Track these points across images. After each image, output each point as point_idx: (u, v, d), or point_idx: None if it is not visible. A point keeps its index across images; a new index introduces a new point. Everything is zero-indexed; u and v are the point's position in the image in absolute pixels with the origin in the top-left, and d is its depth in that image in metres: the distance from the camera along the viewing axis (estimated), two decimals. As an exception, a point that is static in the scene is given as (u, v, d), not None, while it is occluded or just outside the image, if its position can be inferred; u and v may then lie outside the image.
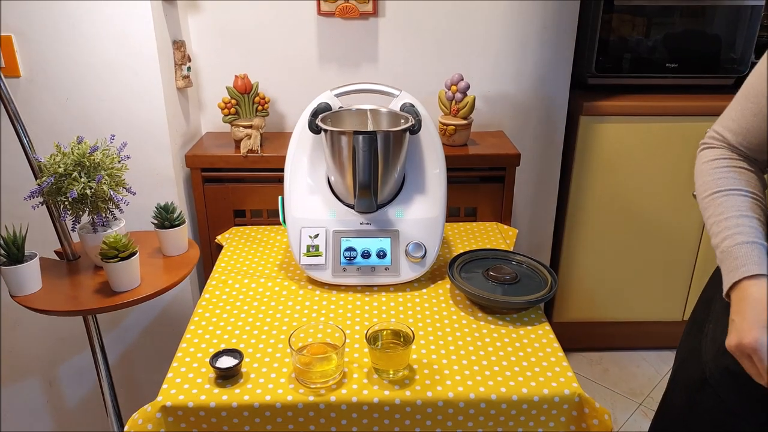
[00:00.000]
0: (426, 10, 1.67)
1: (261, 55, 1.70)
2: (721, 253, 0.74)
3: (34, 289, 1.19)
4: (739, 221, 0.75)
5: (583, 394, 0.95)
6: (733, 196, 0.77)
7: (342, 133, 1.20)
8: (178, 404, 0.92)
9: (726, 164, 0.80)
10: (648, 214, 1.95)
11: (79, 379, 1.77)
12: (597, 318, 2.12)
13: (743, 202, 0.76)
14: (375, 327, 1.02)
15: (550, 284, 1.20)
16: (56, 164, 1.17)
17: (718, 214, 0.76)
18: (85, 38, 1.39)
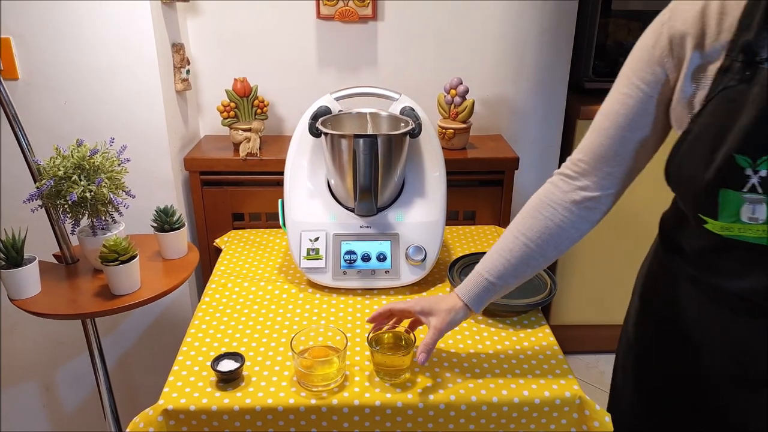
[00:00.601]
0: (425, 14, 1.67)
1: (260, 59, 1.70)
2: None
3: (33, 293, 1.19)
4: (491, 254, 0.95)
5: (584, 396, 0.95)
6: (510, 231, 0.95)
7: (342, 137, 1.20)
8: (179, 407, 0.92)
9: (536, 202, 0.94)
10: (644, 217, 1.96)
11: (77, 383, 1.76)
12: (593, 321, 2.13)
13: (508, 240, 0.94)
14: (376, 330, 1.02)
15: (550, 287, 1.20)
16: (56, 167, 1.16)
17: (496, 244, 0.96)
18: (84, 41, 1.39)
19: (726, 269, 0.83)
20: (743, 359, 0.85)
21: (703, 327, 0.88)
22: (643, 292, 1.02)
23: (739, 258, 0.81)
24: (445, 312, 0.95)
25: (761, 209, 0.73)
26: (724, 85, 0.75)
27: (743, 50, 0.73)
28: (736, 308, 0.83)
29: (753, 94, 0.71)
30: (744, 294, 0.81)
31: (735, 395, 0.88)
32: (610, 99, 0.88)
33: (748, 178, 0.72)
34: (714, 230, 0.79)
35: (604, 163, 0.88)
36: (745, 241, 0.77)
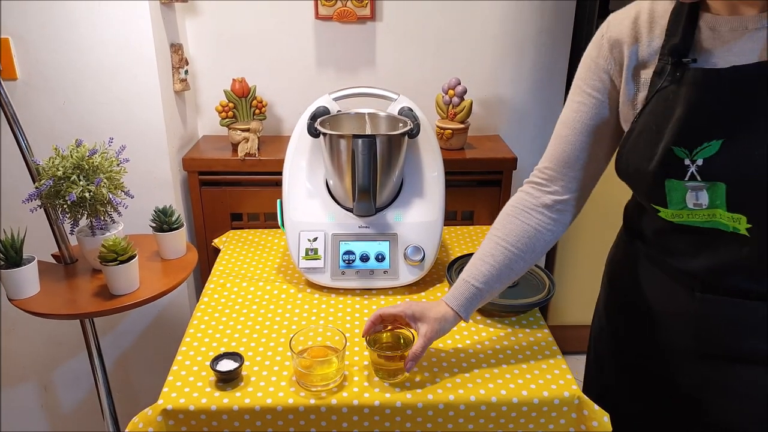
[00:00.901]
0: (423, 15, 1.68)
1: (258, 59, 1.70)
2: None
3: (32, 293, 1.19)
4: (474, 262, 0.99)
5: (582, 396, 0.95)
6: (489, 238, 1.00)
7: (341, 137, 1.20)
8: (178, 407, 0.92)
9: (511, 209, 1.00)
10: (642, 218, 1.96)
11: (75, 383, 1.76)
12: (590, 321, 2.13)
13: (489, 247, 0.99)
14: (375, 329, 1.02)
15: (548, 287, 1.21)
16: (55, 167, 1.16)
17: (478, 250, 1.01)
18: (83, 41, 1.39)
19: (680, 251, 0.90)
20: (701, 335, 0.90)
21: (663, 304, 0.95)
22: (610, 277, 1.10)
23: (691, 241, 0.88)
24: (434, 320, 0.96)
25: (703, 195, 0.80)
26: (659, 86, 0.82)
27: (671, 53, 0.81)
28: (690, 285, 0.89)
29: (683, 92, 0.79)
30: (695, 272, 0.88)
31: (697, 371, 0.93)
32: (567, 108, 0.96)
33: (687, 168, 0.80)
34: (667, 218, 0.87)
35: (568, 168, 0.96)
36: (695, 226, 0.84)
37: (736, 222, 0.80)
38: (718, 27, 0.79)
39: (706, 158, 0.78)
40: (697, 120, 0.78)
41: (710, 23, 0.80)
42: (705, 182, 0.79)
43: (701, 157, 0.78)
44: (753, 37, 0.77)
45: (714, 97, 0.77)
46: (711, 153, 0.78)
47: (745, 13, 0.77)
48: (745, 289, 0.84)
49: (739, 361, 0.89)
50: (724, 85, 0.77)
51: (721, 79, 0.77)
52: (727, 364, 0.90)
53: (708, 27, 0.80)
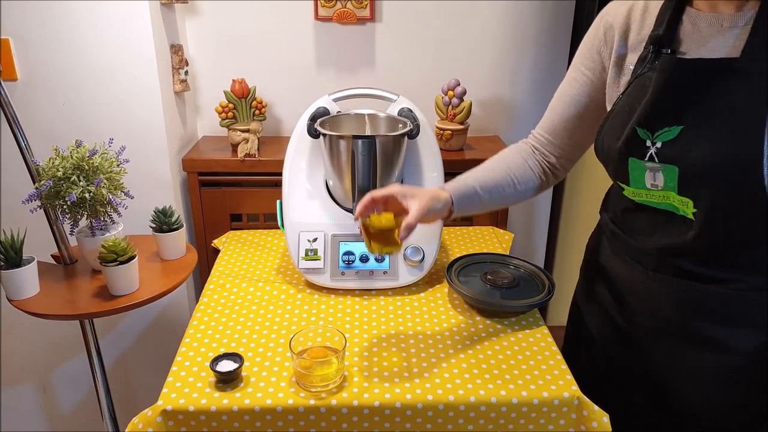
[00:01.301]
0: (423, 16, 1.68)
1: (258, 60, 1.70)
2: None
3: (31, 293, 1.19)
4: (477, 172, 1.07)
5: (582, 396, 0.96)
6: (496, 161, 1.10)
7: (341, 138, 1.20)
8: (178, 408, 0.92)
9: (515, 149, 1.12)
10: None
11: (74, 384, 1.76)
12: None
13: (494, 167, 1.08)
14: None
15: (548, 288, 1.21)
16: (55, 168, 1.16)
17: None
18: (83, 42, 1.39)
19: (638, 230, 0.97)
20: (656, 315, 0.96)
21: (622, 280, 1.02)
22: (586, 262, 1.17)
23: (648, 220, 0.94)
24: (427, 197, 0.97)
25: (659, 177, 0.86)
26: (640, 72, 0.89)
27: (653, 42, 0.87)
28: (645, 265, 0.96)
29: (654, 77, 0.85)
30: (649, 252, 0.94)
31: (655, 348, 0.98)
32: (563, 83, 1.06)
33: (648, 149, 0.86)
34: (629, 196, 0.94)
35: (555, 136, 1.07)
36: (652, 206, 0.91)
37: (684, 205, 0.86)
38: (698, 22, 0.85)
39: (664, 142, 0.84)
40: (661, 104, 0.84)
41: (692, 18, 0.85)
42: (661, 164, 0.85)
43: (661, 140, 0.84)
44: (726, 35, 0.81)
45: (677, 84, 0.83)
46: (670, 137, 0.83)
47: (722, 10, 0.82)
48: (691, 271, 0.90)
49: (689, 343, 0.94)
50: (687, 74, 0.82)
51: (685, 69, 0.83)
52: (679, 345, 0.95)
53: (690, 21, 0.86)
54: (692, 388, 0.95)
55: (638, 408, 1.03)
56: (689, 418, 0.96)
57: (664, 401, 0.99)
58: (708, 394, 0.94)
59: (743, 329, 0.89)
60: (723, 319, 0.90)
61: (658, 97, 0.84)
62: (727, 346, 0.90)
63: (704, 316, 0.91)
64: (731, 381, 0.92)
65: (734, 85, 0.78)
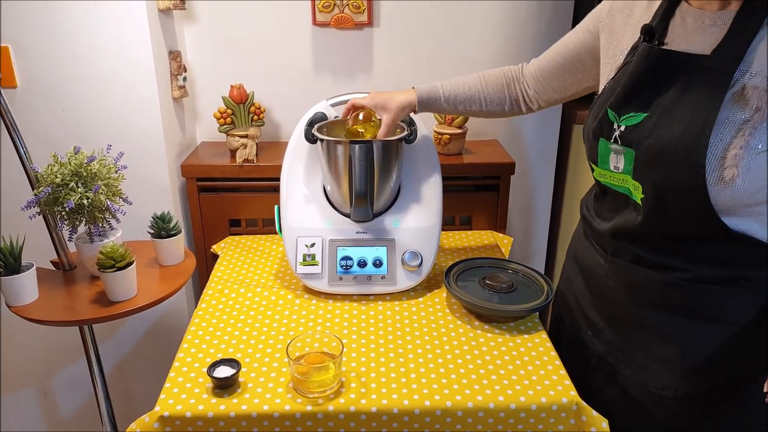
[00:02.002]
0: (420, 20, 1.68)
1: (256, 65, 1.71)
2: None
3: (30, 299, 1.19)
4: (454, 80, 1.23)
5: (581, 402, 0.95)
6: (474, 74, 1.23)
7: (338, 143, 1.21)
8: (176, 414, 0.92)
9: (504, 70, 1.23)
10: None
11: (74, 389, 1.76)
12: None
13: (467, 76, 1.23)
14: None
15: (546, 292, 1.21)
16: (53, 174, 1.17)
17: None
18: (82, 49, 1.39)
19: (600, 212, 1.02)
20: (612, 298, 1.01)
21: (588, 265, 1.07)
22: (571, 238, 1.20)
23: (610, 203, 0.99)
24: (396, 111, 1.18)
25: (621, 160, 0.90)
26: (628, 60, 0.92)
27: (645, 33, 0.90)
28: (604, 246, 1.01)
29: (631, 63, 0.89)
30: (606, 234, 0.99)
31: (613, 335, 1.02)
32: (567, 35, 1.13)
33: (614, 131, 0.90)
34: (597, 177, 0.98)
35: (541, 73, 1.17)
36: (614, 189, 0.95)
37: (636, 190, 0.89)
38: (686, 17, 0.88)
39: (627, 126, 0.88)
40: (631, 90, 0.88)
41: (683, 13, 0.88)
42: (623, 147, 0.89)
43: (625, 124, 0.89)
44: (706, 32, 0.84)
45: (647, 72, 0.87)
46: (633, 122, 0.87)
47: (708, 8, 0.85)
48: (645, 258, 0.93)
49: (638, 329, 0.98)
50: (658, 64, 0.86)
51: (657, 58, 0.86)
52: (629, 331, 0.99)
53: (680, 16, 0.89)
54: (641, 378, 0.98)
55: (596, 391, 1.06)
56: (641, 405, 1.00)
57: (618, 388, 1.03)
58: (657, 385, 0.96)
59: (691, 321, 0.91)
60: (672, 308, 0.92)
61: (630, 82, 0.88)
62: (675, 339, 0.93)
63: (654, 305, 0.94)
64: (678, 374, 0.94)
65: (699, 81, 0.82)
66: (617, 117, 0.90)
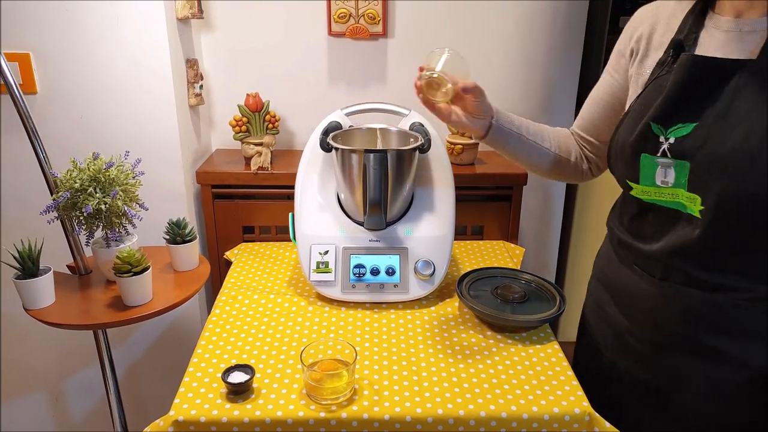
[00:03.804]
0: (434, 31, 1.69)
1: (272, 74, 1.72)
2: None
3: (47, 303, 1.21)
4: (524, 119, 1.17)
5: (593, 413, 0.95)
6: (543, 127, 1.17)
7: (353, 152, 1.22)
8: (189, 419, 0.93)
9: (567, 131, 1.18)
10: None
11: (86, 393, 1.78)
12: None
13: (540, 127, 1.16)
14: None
15: (559, 303, 1.21)
16: (72, 180, 1.18)
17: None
18: (101, 57, 1.42)
19: (645, 233, 0.97)
20: (661, 325, 0.96)
21: (629, 292, 1.01)
22: (593, 273, 1.18)
23: (655, 221, 0.94)
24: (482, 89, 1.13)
25: (671, 173, 0.87)
26: (658, 74, 0.91)
27: (673, 46, 0.90)
28: (651, 270, 0.96)
29: (672, 74, 0.87)
30: (656, 257, 0.94)
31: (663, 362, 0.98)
32: (597, 83, 1.11)
33: (661, 144, 0.87)
34: (637, 195, 0.94)
35: (585, 131, 1.13)
36: (660, 205, 0.91)
37: (692, 203, 0.86)
38: (719, 26, 0.87)
39: (677, 137, 0.85)
40: (677, 100, 0.86)
41: (714, 22, 0.88)
42: (673, 159, 0.86)
43: (674, 136, 0.86)
44: (744, 40, 0.84)
45: (693, 81, 0.85)
46: (683, 133, 0.85)
47: (747, 16, 0.85)
48: (698, 278, 0.89)
49: (697, 356, 0.93)
50: (704, 71, 0.84)
51: (701, 66, 0.84)
52: (687, 360, 0.94)
53: (711, 25, 0.88)
54: (702, 404, 0.94)
55: (646, 424, 1.03)
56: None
57: (672, 417, 0.98)
58: (719, 411, 0.93)
59: (753, 342, 0.88)
60: (731, 331, 0.89)
61: (674, 93, 0.86)
62: (737, 361, 0.89)
63: (711, 328, 0.90)
64: (742, 397, 0.91)
65: (749, 86, 0.81)
66: (663, 130, 0.87)
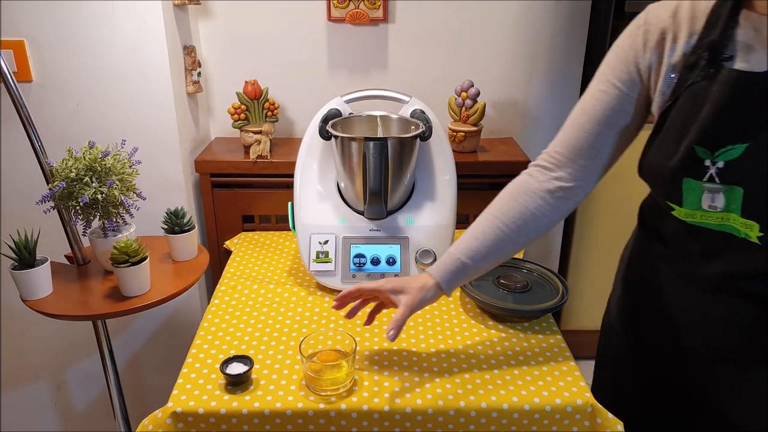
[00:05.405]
0: (436, 17, 1.67)
1: (271, 61, 1.70)
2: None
3: (44, 294, 1.20)
4: (464, 237, 0.97)
5: (595, 404, 0.94)
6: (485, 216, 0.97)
7: (353, 140, 1.20)
8: (188, 410, 0.92)
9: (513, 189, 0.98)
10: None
11: (87, 384, 1.77)
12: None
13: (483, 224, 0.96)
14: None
15: (562, 293, 1.19)
16: (68, 169, 1.17)
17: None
18: (97, 44, 1.40)
19: (694, 254, 0.89)
20: (719, 338, 0.89)
21: (679, 306, 0.93)
22: (625, 275, 1.08)
23: (704, 244, 0.87)
24: (416, 290, 0.95)
25: (719, 198, 0.79)
26: (691, 80, 0.80)
27: (708, 48, 0.79)
28: (703, 287, 0.89)
29: (714, 90, 0.77)
30: (710, 277, 0.87)
31: (715, 376, 0.91)
32: (588, 95, 0.94)
33: (707, 169, 0.78)
34: (680, 217, 0.86)
35: (580, 155, 0.93)
36: (707, 227, 0.84)
37: (748, 228, 0.79)
38: (761, 28, 0.77)
39: (727, 161, 0.77)
40: (724, 121, 0.77)
41: (754, 22, 0.77)
42: (723, 185, 0.78)
43: (723, 160, 0.77)
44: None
45: (745, 99, 0.75)
46: (733, 156, 0.76)
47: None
48: (757, 293, 0.84)
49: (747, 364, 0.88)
50: (758, 88, 0.75)
51: (755, 82, 0.75)
52: (735, 366, 0.89)
53: (751, 26, 0.77)
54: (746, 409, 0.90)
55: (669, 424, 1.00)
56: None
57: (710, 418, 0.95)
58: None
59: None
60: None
61: (720, 113, 0.77)
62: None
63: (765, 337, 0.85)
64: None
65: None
66: (710, 153, 0.78)
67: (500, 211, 0.96)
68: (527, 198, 0.95)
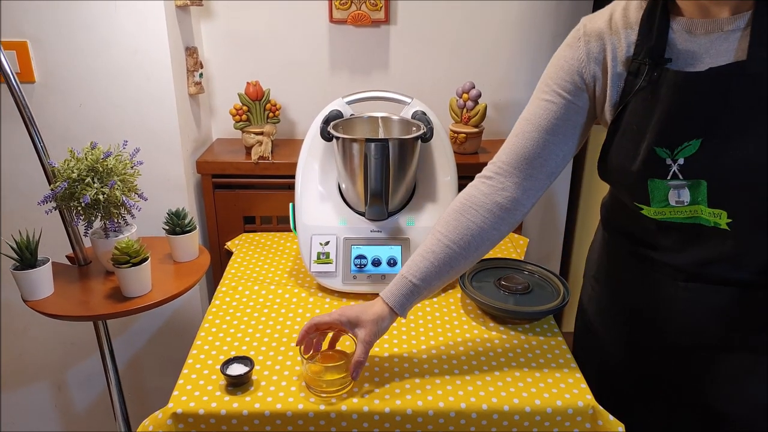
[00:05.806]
0: (438, 18, 1.67)
1: (273, 62, 1.70)
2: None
3: (46, 294, 1.20)
4: (414, 257, 0.97)
5: (597, 406, 0.94)
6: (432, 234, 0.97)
7: (354, 141, 1.20)
8: (188, 411, 0.92)
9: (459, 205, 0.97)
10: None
11: (88, 384, 1.77)
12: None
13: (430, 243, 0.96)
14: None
15: (563, 294, 1.19)
16: (70, 169, 1.17)
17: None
18: (99, 44, 1.40)
19: (665, 247, 0.93)
20: (694, 326, 0.93)
21: (654, 298, 0.96)
22: (596, 274, 1.11)
23: (675, 237, 0.90)
24: (371, 323, 0.94)
25: (685, 193, 0.83)
26: (638, 86, 0.84)
27: (648, 54, 0.82)
28: (673, 276, 0.92)
29: (662, 93, 0.81)
30: (681, 266, 0.91)
31: (694, 363, 0.95)
32: (532, 105, 0.96)
33: (669, 167, 0.82)
34: (649, 215, 0.89)
35: (527, 165, 0.94)
36: (677, 222, 0.87)
37: (716, 217, 0.83)
38: (693, 29, 0.81)
39: (686, 157, 0.81)
40: (677, 121, 0.81)
41: (685, 26, 0.82)
42: (687, 180, 0.82)
43: (682, 156, 0.81)
44: (728, 38, 0.79)
45: (693, 98, 0.79)
46: (691, 152, 0.80)
47: (716, 15, 0.79)
48: (729, 277, 0.87)
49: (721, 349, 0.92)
50: (703, 86, 0.79)
51: (699, 81, 0.79)
52: (712, 351, 0.92)
53: (683, 29, 0.82)
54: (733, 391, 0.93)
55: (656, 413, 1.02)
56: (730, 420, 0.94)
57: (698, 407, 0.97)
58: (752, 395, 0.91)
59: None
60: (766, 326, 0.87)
61: (673, 114, 0.81)
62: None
63: (746, 324, 0.89)
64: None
65: (748, 89, 0.77)
66: (669, 153, 0.82)
67: (447, 228, 0.96)
68: (474, 213, 0.95)
